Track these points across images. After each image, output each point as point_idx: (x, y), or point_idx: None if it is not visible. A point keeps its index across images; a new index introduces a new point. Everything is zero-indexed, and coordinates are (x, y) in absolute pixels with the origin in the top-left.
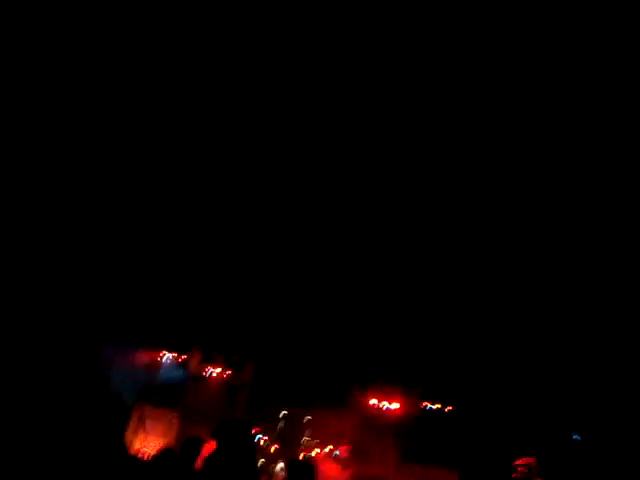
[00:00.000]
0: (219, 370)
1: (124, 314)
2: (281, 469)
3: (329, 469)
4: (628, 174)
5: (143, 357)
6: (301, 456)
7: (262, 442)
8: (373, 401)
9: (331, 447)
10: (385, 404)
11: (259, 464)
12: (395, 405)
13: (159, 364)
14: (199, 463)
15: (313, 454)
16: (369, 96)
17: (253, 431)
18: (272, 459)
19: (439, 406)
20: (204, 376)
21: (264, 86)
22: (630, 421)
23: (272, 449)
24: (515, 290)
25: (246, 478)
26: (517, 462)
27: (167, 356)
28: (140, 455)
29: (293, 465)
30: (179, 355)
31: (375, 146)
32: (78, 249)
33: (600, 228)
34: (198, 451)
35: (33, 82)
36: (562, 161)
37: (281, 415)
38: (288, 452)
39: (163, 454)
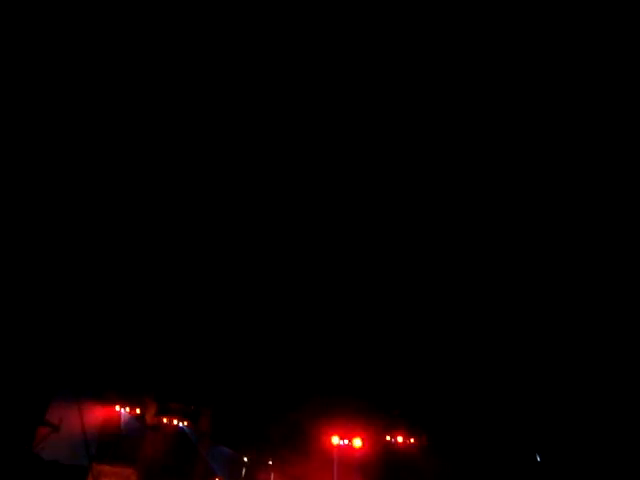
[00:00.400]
0: (176, 422)
1: (71, 368)
2: None
3: None
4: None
5: (94, 412)
6: None
7: None
8: (335, 439)
9: None
10: (347, 441)
11: None
12: (357, 441)
13: (112, 419)
14: None
15: None
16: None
17: None
18: None
19: (401, 438)
20: (161, 428)
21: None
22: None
23: None
24: (472, 319)
25: None
26: None
27: (121, 410)
28: None
29: None
30: (133, 408)
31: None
32: (27, 299)
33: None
34: None
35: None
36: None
37: (244, 461)
38: None
39: None
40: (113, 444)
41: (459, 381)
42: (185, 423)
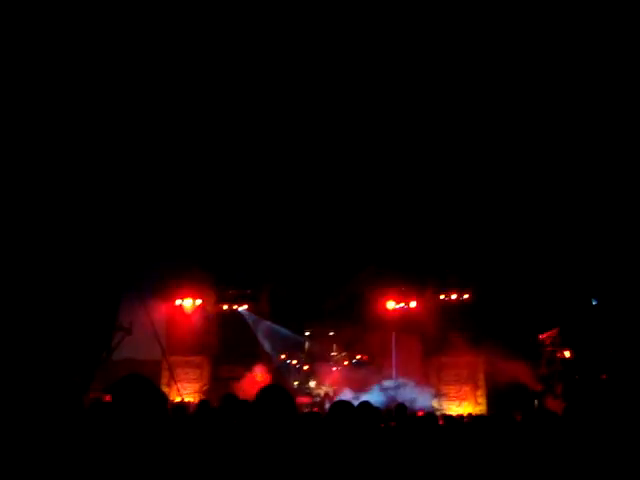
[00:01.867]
0: (235, 307)
1: (132, 270)
2: (315, 385)
3: (358, 374)
4: None
5: (160, 310)
6: (334, 370)
7: (293, 365)
8: (391, 303)
9: (358, 357)
10: (403, 304)
11: (295, 385)
12: (412, 303)
13: (177, 313)
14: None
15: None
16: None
17: (283, 357)
18: (305, 378)
19: (455, 295)
20: (222, 315)
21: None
22: None
23: (304, 369)
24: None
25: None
26: (542, 336)
27: (183, 302)
28: (179, 402)
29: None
30: (194, 299)
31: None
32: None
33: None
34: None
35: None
36: None
37: (305, 336)
38: (319, 369)
39: (201, 406)
40: (181, 336)
41: (507, 232)
42: (245, 307)
